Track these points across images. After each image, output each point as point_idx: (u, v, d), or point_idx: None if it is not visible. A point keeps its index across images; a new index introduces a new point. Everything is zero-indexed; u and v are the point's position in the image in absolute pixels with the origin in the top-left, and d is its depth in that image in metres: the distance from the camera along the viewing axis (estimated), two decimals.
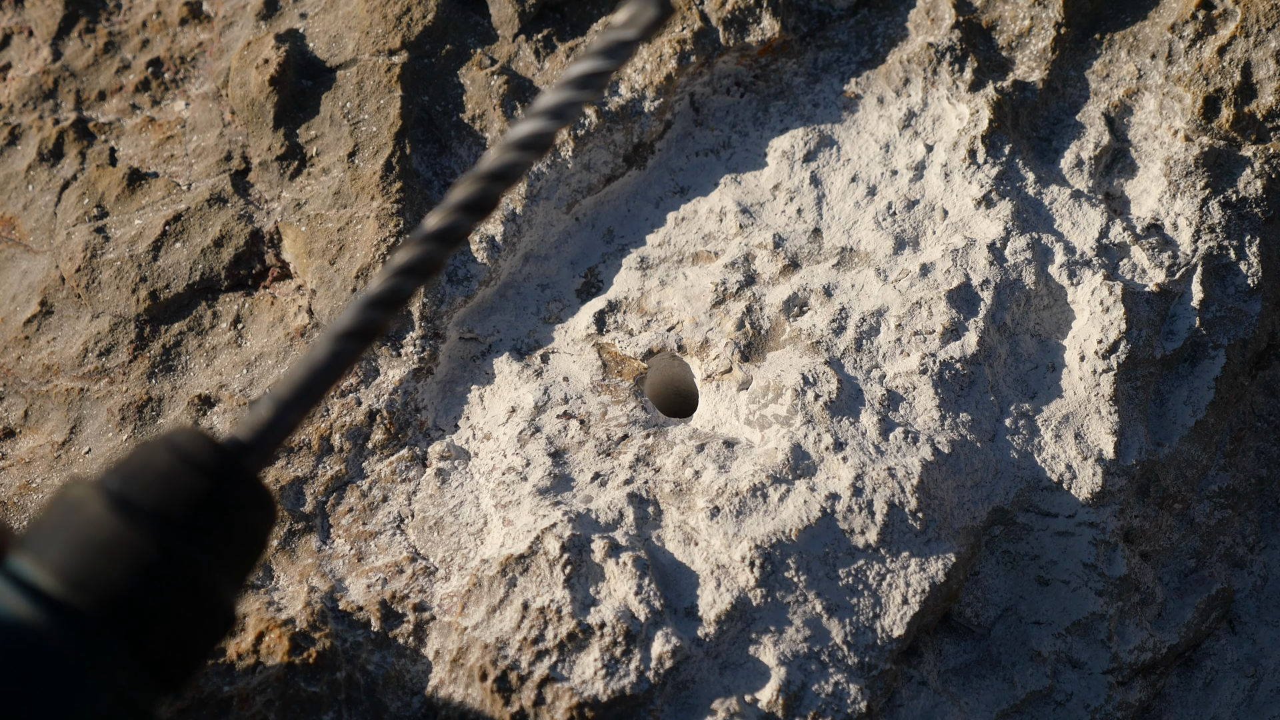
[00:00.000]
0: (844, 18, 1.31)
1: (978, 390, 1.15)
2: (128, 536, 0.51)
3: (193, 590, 0.52)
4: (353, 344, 0.56)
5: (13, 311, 1.25)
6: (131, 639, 0.50)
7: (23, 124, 1.33)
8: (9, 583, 0.50)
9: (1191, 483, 1.19)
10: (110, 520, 0.51)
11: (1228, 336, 1.19)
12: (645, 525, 1.08)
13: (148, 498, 0.52)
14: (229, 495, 0.53)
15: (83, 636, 0.50)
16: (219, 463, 0.53)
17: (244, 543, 0.54)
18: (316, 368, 0.55)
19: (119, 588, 0.50)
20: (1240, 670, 1.20)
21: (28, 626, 0.49)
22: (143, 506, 0.52)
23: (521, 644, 1.02)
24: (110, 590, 0.50)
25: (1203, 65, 1.26)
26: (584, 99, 0.56)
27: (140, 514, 0.52)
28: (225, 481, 0.53)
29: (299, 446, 1.14)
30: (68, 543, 0.51)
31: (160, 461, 0.53)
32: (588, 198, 1.25)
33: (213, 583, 0.52)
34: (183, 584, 0.51)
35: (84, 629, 0.50)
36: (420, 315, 1.18)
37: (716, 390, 1.15)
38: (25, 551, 0.51)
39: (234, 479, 0.54)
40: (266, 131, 1.26)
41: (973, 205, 1.21)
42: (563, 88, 0.57)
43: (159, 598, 0.51)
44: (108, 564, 0.50)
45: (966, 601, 1.13)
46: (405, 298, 0.57)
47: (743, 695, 1.02)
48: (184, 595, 0.52)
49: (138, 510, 0.52)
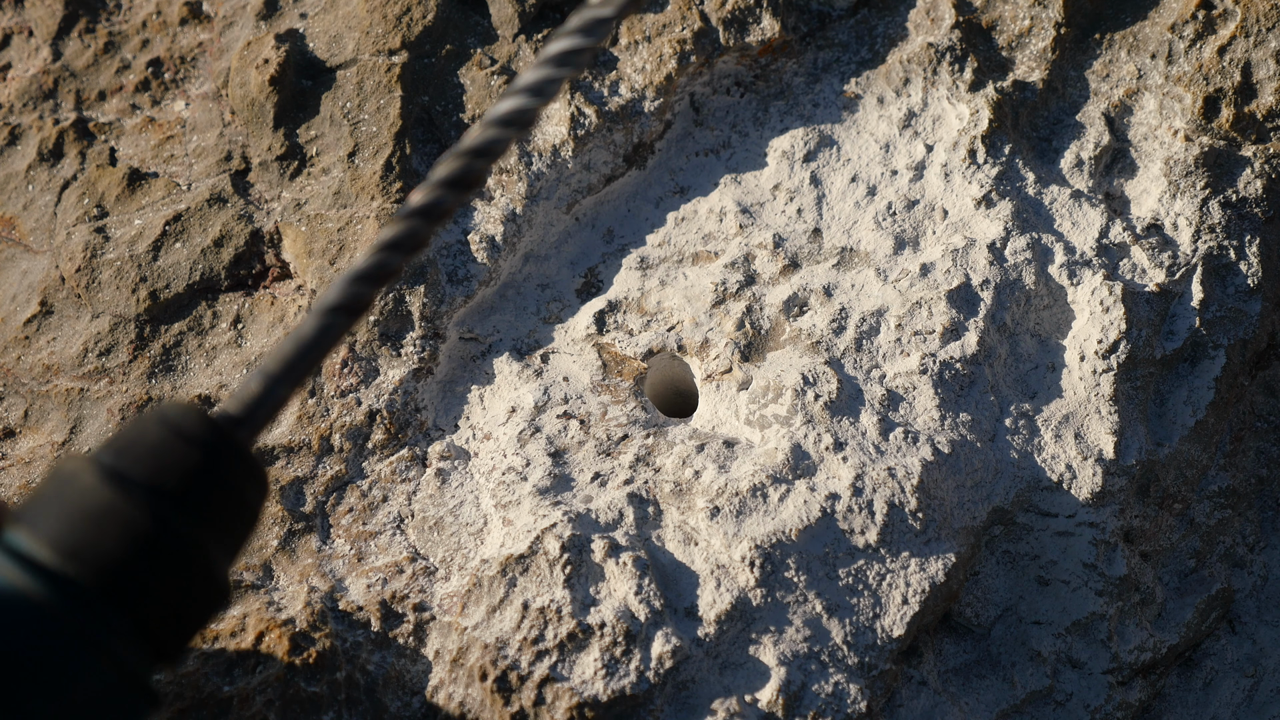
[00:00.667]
0: (844, 18, 1.31)
1: (978, 390, 1.15)
2: (121, 507, 0.51)
3: (187, 560, 0.52)
4: (340, 318, 0.57)
5: (13, 311, 1.25)
6: (127, 609, 0.51)
7: (23, 124, 1.33)
8: (4, 555, 0.51)
9: (1191, 483, 1.19)
10: (104, 491, 0.52)
11: (1228, 336, 1.19)
12: (645, 525, 1.08)
13: (141, 469, 0.53)
14: (221, 467, 0.54)
15: (79, 607, 0.50)
16: (211, 435, 0.54)
17: (237, 515, 0.54)
18: (304, 342, 0.56)
19: (113, 557, 0.51)
20: (1240, 670, 1.20)
21: (25, 597, 0.49)
22: (136, 478, 0.52)
23: (521, 644, 1.02)
24: (105, 560, 0.51)
25: (1203, 65, 1.26)
26: (563, 75, 0.57)
27: (133, 485, 0.52)
28: (217, 453, 0.54)
29: (299, 446, 1.14)
30: (62, 514, 0.51)
31: (152, 434, 0.53)
32: (588, 198, 1.26)
33: (206, 553, 0.53)
34: (177, 554, 0.52)
35: (80, 599, 0.50)
36: (420, 315, 1.18)
37: (716, 390, 1.15)
38: (20, 524, 0.52)
39: (226, 451, 0.54)
40: (266, 131, 1.26)
41: (973, 205, 1.21)
42: (542, 65, 0.58)
43: (153, 567, 0.51)
44: (102, 534, 0.51)
45: (966, 601, 1.13)
46: (391, 273, 0.58)
47: (743, 695, 1.02)
48: (178, 565, 0.52)
49: (131, 482, 0.52)
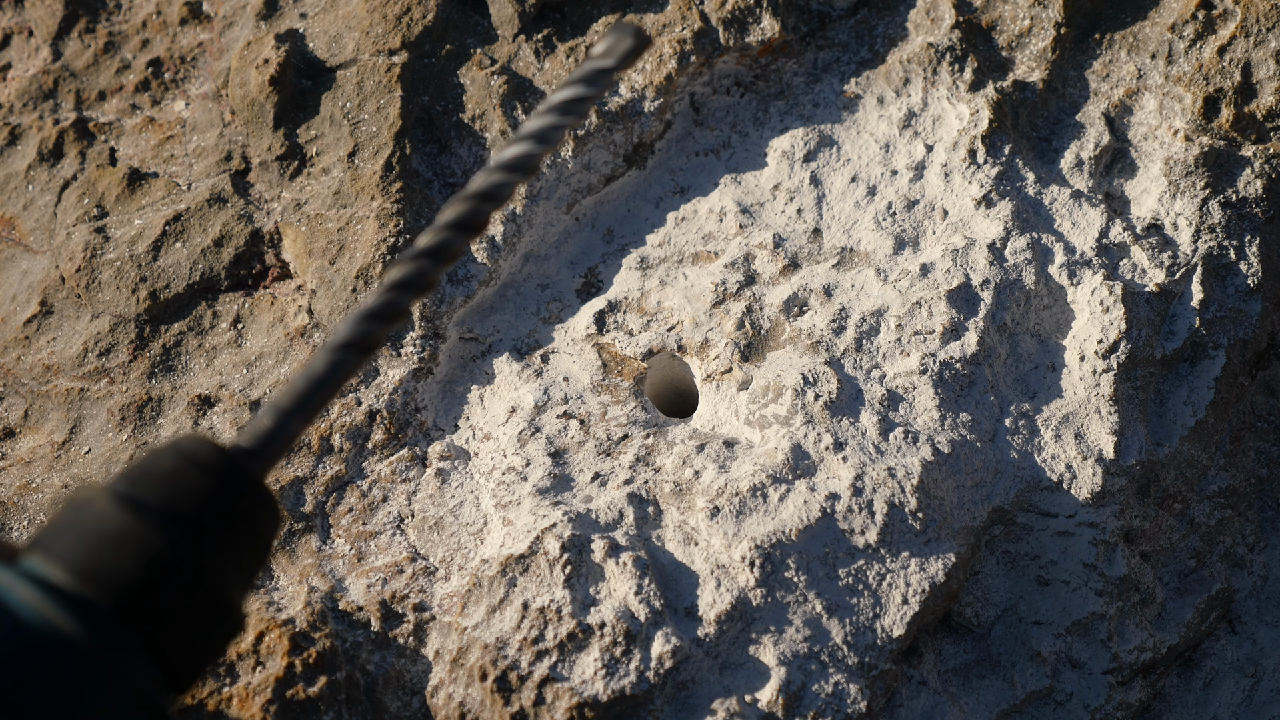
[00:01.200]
0: (844, 18, 1.31)
1: (978, 390, 1.15)
2: (137, 530, 0.52)
3: (202, 585, 0.53)
4: (351, 355, 0.58)
5: (13, 311, 1.25)
6: (143, 634, 0.51)
7: (23, 124, 1.33)
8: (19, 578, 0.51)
9: (1191, 483, 1.19)
10: (119, 515, 0.52)
11: (1228, 336, 1.19)
12: (645, 525, 1.08)
13: (155, 496, 0.53)
14: (235, 495, 0.54)
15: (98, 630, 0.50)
16: (225, 465, 0.55)
17: (250, 544, 0.55)
18: (316, 378, 0.58)
19: (130, 580, 0.51)
20: (1240, 670, 1.20)
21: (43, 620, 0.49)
22: (151, 504, 0.53)
23: (521, 644, 1.02)
24: (121, 582, 0.51)
25: (1203, 65, 1.26)
26: (567, 123, 0.62)
27: (149, 510, 0.53)
28: (231, 483, 0.54)
29: (299, 446, 1.14)
30: (77, 539, 0.52)
31: (167, 463, 0.54)
32: (588, 198, 1.26)
33: (221, 580, 0.53)
34: (193, 579, 0.52)
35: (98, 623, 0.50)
36: (420, 315, 1.18)
37: (716, 390, 1.15)
38: (34, 551, 0.52)
39: (240, 481, 0.55)
40: (266, 131, 1.26)
41: (973, 205, 1.21)
42: (546, 113, 0.63)
43: (169, 591, 0.52)
44: (117, 557, 0.51)
45: (966, 601, 1.13)
46: (401, 312, 0.59)
47: (743, 695, 1.02)
48: (194, 590, 0.52)
49: (146, 507, 0.53)
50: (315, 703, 1.01)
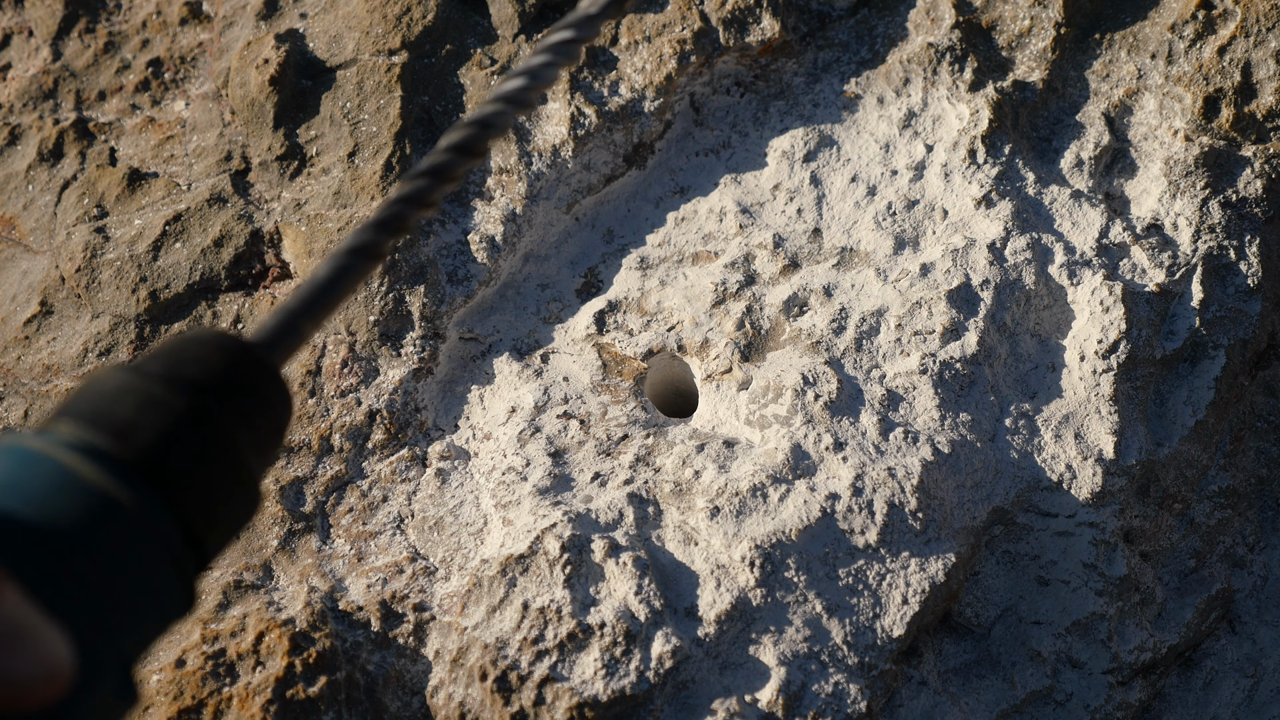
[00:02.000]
0: (844, 18, 1.31)
1: (978, 390, 1.15)
2: (160, 394, 0.53)
3: (225, 453, 0.54)
4: (356, 260, 0.60)
5: (13, 311, 1.25)
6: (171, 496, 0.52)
7: (23, 124, 1.33)
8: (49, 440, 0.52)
9: (1191, 483, 1.19)
10: (140, 382, 0.53)
11: (1228, 336, 1.19)
12: (645, 525, 1.08)
13: (177, 368, 0.54)
14: (253, 375, 0.55)
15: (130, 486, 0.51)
16: (240, 348, 0.56)
17: (267, 426, 0.56)
18: (321, 282, 0.60)
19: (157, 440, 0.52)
20: (1240, 670, 1.20)
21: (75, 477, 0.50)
22: (173, 374, 0.54)
23: (521, 644, 1.02)
24: (147, 439, 0.52)
25: (1203, 65, 1.26)
26: (560, 62, 0.67)
27: (172, 379, 0.54)
28: (249, 362, 0.56)
29: (299, 446, 1.14)
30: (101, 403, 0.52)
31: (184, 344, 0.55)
32: (588, 198, 1.25)
33: (241, 450, 0.54)
34: (216, 445, 0.53)
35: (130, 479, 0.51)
36: (420, 315, 1.18)
37: (716, 390, 1.15)
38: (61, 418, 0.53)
39: (257, 362, 0.56)
40: (266, 131, 1.26)
41: (973, 205, 1.21)
42: (542, 52, 0.68)
43: (194, 454, 0.53)
44: (143, 416, 0.52)
45: (966, 601, 1.13)
46: (404, 223, 0.62)
47: (743, 695, 1.02)
48: (217, 456, 0.53)
49: (169, 376, 0.54)
50: (315, 703, 1.01)
